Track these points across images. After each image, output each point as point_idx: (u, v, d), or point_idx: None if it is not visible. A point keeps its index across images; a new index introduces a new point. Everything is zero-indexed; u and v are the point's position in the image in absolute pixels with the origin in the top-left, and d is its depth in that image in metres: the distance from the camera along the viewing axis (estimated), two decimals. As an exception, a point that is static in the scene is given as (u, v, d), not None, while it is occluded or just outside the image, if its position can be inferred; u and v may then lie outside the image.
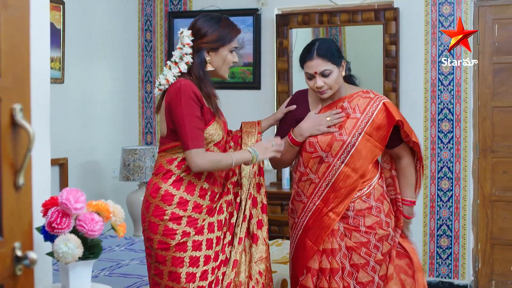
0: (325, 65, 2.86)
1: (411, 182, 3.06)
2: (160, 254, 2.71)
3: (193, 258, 2.72)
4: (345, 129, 2.91)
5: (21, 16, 1.44)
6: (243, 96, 5.60)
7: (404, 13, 5.13)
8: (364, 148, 2.91)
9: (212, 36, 2.75)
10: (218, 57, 2.78)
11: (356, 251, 2.92)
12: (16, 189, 1.43)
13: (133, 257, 4.22)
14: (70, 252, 2.22)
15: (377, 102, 2.95)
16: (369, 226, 2.93)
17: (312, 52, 2.89)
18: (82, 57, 5.25)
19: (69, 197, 2.24)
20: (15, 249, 1.43)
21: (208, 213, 2.77)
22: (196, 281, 2.71)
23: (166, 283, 2.72)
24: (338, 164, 2.91)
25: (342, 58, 2.95)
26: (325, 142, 2.93)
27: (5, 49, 1.41)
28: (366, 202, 2.93)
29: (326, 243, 2.93)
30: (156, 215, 2.71)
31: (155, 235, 2.71)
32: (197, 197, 2.74)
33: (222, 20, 2.80)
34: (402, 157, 3.05)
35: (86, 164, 5.31)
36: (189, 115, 2.64)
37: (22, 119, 1.42)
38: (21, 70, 1.45)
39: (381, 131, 2.93)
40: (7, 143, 1.41)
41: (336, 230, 2.93)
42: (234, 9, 5.55)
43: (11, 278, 1.43)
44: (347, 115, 2.94)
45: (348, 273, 2.91)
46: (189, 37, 2.74)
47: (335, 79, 2.89)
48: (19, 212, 1.44)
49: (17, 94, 1.44)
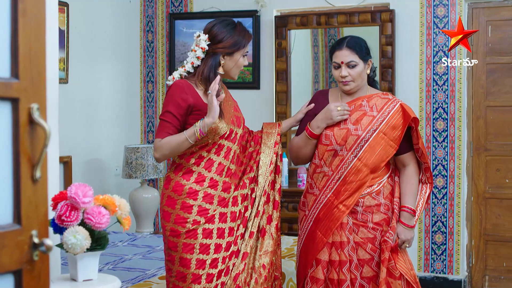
0: (352, 56, 3.03)
1: (413, 191, 3.09)
2: (171, 240, 2.87)
3: (203, 245, 2.85)
4: (361, 124, 3.04)
5: (37, 22, 1.57)
6: (243, 96, 5.71)
7: (400, 15, 5.26)
8: (377, 145, 3.01)
9: (229, 42, 2.90)
10: (232, 61, 2.94)
11: (362, 246, 3.03)
12: (33, 182, 1.56)
13: (135, 252, 4.35)
14: (78, 244, 2.36)
15: (394, 103, 3.07)
16: (376, 222, 3.03)
17: (342, 43, 3.07)
18: (86, 57, 5.37)
19: (78, 191, 2.37)
20: (32, 236, 1.55)
21: (220, 203, 2.91)
22: (206, 268, 2.85)
23: (177, 268, 2.87)
24: (351, 157, 3.02)
25: (370, 57, 3.10)
26: (340, 136, 3.05)
27: (23, 53, 1.54)
28: (376, 199, 3.04)
29: (336, 235, 3.04)
30: (169, 204, 2.88)
31: (167, 223, 2.88)
32: (207, 188, 2.88)
33: (237, 26, 2.96)
34: (408, 165, 3.11)
35: (90, 162, 5.43)
36: (165, 110, 2.84)
37: (39, 118, 1.55)
38: (37, 73, 1.58)
39: (396, 131, 3.04)
40: (25, 139, 1.54)
41: (345, 224, 3.03)
42: (234, 10, 5.67)
43: (28, 263, 1.55)
44: (364, 113, 3.06)
45: (355, 266, 3.02)
46: (206, 41, 2.88)
47: (359, 73, 3.04)
48: (36, 203, 1.57)
49: (34, 95, 1.56)
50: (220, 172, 2.92)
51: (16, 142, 1.53)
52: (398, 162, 3.15)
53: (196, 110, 2.85)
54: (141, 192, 5.41)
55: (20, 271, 1.53)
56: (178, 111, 2.82)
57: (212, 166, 2.90)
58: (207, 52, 2.90)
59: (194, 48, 2.91)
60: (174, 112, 2.82)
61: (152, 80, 6.02)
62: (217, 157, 2.91)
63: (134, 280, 3.66)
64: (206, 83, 2.89)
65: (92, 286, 2.48)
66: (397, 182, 3.13)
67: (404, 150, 3.10)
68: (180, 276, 2.87)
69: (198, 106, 2.85)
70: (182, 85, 2.85)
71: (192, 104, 2.84)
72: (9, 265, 1.51)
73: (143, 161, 5.29)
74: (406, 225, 3.06)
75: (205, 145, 2.89)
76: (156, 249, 4.40)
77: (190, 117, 2.85)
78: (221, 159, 2.91)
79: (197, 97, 2.86)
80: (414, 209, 3.08)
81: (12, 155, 1.53)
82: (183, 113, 2.83)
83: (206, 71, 2.89)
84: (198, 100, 2.86)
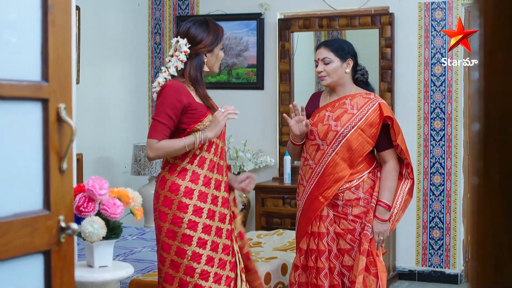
0: (327, 53, 3.28)
1: (389, 186, 3.26)
2: (166, 242, 2.91)
3: (195, 253, 2.90)
4: (341, 121, 3.25)
5: (64, 32, 1.77)
6: (247, 96, 5.93)
7: (399, 18, 5.44)
8: (355, 141, 3.22)
9: (208, 40, 3.00)
10: (213, 56, 3.04)
11: (343, 237, 3.24)
12: (60, 173, 1.76)
13: (144, 245, 4.56)
14: (95, 232, 2.56)
15: (374, 102, 3.28)
16: (356, 215, 3.24)
17: (322, 43, 3.37)
18: (96, 59, 5.58)
19: (95, 184, 2.58)
20: (60, 221, 1.76)
21: (212, 202, 2.98)
22: (194, 277, 2.89)
23: (166, 270, 2.92)
24: (330, 152, 3.25)
25: (350, 57, 3.30)
26: (323, 131, 3.27)
27: (52, 59, 1.74)
28: (355, 193, 3.24)
29: (314, 226, 3.26)
30: (165, 204, 2.92)
31: (164, 223, 2.92)
32: (201, 186, 2.95)
33: (209, 22, 3.06)
34: (388, 161, 3.29)
35: (100, 159, 5.64)
36: (160, 111, 2.90)
37: (66, 116, 1.76)
38: (64, 76, 1.78)
39: (373, 128, 3.24)
40: (54, 135, 1.74)
41: (325, 216, 3.25)
42: (239, 13, 5.87)
43: (56, 245, 1.76)
44: (345, 110, 3.27)
45: (335, 255, 3.24)
46: (186, 45, 2.97)
47: (333, 69, 3.27)
48: (63, 191, 1.77)
49: (61, 96, 1.77)
50: (211, 168, 2.99)
51: (45, 137, 1.73)
52: (379, 158, 3.34)
53: (190, 110, 2.93)
54: (149, 188, 5.61)
55: (49, 251, 1.74)
56: (174, 112, 2.89)
57: (204, 163, 2.98)
58: (189, 54, 2.99)
59: (175, 54, 2.99)
60: (170, 113, 2.88)
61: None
62: (208, 154, 2.99)
63: (144, 270, 3.87)
64: (194, 83, 2.98)
65: (107, 271, 2.68)
66: (379, 178, 3.30)
67: (383, 147, 3.29)
68: (168, 278, 2.91)
69: (192, 105, 2.93)
70: (176, 86, 2.92)
71: (187, 104, 2.91)
72: (40, 245, 1.71)
73: (151, 159, 5.49)
74: (379, 219, 3.23)
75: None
76: (164, 242, 4.60)
77: (184, 117, 2.93)
78: (211, 155, 2.99)
79: (190, 96, 2.95)
80: (389, 204, 3.24)
81: (42, 149, 1.73)
82: (178, 113, 2.90)
83: (193, 72, 2.98)
84: (191, 99, 2.94)
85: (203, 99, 3.00)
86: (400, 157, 3.31)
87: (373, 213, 3.24)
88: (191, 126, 2.92)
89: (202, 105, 2.98)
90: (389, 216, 3.26)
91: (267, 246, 4.45)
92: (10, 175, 1.67)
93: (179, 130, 2.94)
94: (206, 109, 2.99)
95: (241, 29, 5.83)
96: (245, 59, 5.89)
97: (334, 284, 3.22)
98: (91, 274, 2.65)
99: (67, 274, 1.79)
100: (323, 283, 3.20)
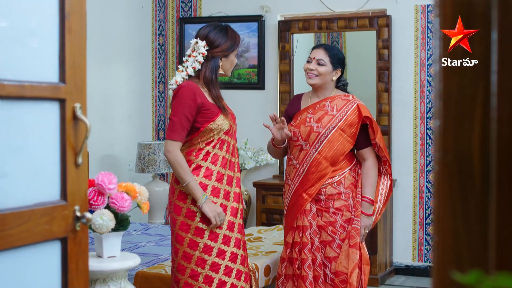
0: (324, 56, 3.47)
1: (370, 182, 3.45)
2: (180, 234, 3.08)
3: (207, 246, 3.06)
4: (322, 122, 3.44)
5: (80, 38, 1.93)
6: (248, 96, 6.09)
7: (396, 20, 5.60)
8: (335, 140, 3.41)
9: (225, 45, 3.19)
10: (228, 61, 3.23)
11: (325, 229, 3.43)
12: (76, 167, 1.92)
13: (149, 240, 4.72)
14: (105, 224, 2.72)
15: (352, 104, 3.47)
16: (337, 208, 3.43)
17: (322, 45, 3.59)
18: (102, 59, 5.74)
19: (104, 179, 2.74)
20: (75, 210, 1.92)
21: (225, 197, 3.15)
22: (205, 268, 3.06)
23: (179, 261, 3.09)
24: (313, 152, 3.43)
25: (340, 67, 3.51)
26: (305, 132, 3.46)
27: (69, 63, 1.90)
28: (336, 188, 3.44)
29: (298, 220, 3.45)
30: (180, 199, 3.09)
31: (178, 217, 3.09)
32: (214, 181, 3.12)
33: (228, 29, 3.26)
34: (367, 159, 3.47)
35: (105, 157, 5.80)
36: (178, 112, 3.06)
37: (81, 115, 1.92)
38: (79, 79, 1.94)
39: (352, 128, 3.44)
40: (70, 132, 1.91)
41: (308, 210, 3.44)
42: (240, 15, 6.02)
43: (72, 232, 1.92)
44: (326, 112, 3.46)
45: (317, 248, 3.42)
46: (204, 47, 3.15)
47: (324, 72, 3.45)
48: (78, 183, 1.93)
49: (77, 96, 1.93)
50: (224, 165, 3.16)
51: (63, 134, 1.90)
52: (359, 156, 3.52)
53: (203, 110, 3.09)
54: (153, 185, 5.77)
55: (66, 238, 1.90)
56: (190, 112, 3.05)
57: (217, 160, 3.14)
58: (206, 57, 3.17)
59: (193, 54, 3.16)
60: (186, 114, 3.05)
61: (163, 81, 6.39)
62: (220, 152, 3.15)
63: (149, 263, 4.03)
64: (209, 85, 3.16)
65: (116, 261, 2.84)
66: (360, 175, 3.48)
67: (362, 145, 3.48)
68: (180, 268, 3.08)
69: (205, 105, 3.10)
70: (192, 87, 3.09)
71: (200, 104, 3.08)
72: (57, 233, 1.88)
73: (155, 157, 5.65)
74: (364, 214, 3.43)
75: (211, 141, 3.12)
76: (168, 237, 4.76)
77: (198, 116, 3.09)
78: (223, 153, 3.16)
79: (203, 97, 3.11)
80: (372, 199, 3.44)
81: (59, 145, 1.90)
82: (194, 113, 3.07)
83: (208, 74, 3.15)
84: (205, 100, 3.11)
85: (216, 100, 3.16)
86: (378, 154, 3.48)
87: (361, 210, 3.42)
88: (204, 125, 3.09)
89: (215, 105, 3.15)
90: (373, 210, 3.45)
91: (267, 241, 4.61)
92: (31, 168, 1.83)
93: (193, 129, 3.10)
94: (218, 110, 3.15)
95: (243, 31, 5.98)
96: (247, 60, 6.05)
97: (316, 275, 3.39)
98: (101, 263, 2.80)
99: (82, 259, 1.95)
100: (307, 273, 3.38)
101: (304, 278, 3.39)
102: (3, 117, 1.76)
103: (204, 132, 3.10)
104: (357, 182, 3.48)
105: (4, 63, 1.75)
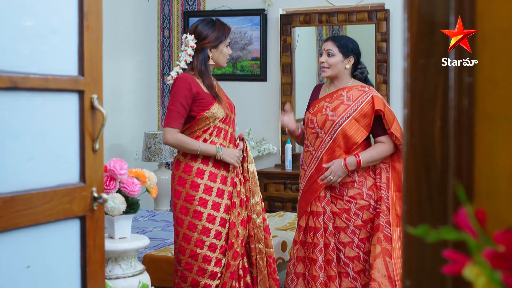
0: (332, 47, 3.59)
1: (372, 151, 3.53)
2: (180, 217, 3.32)
3: (205, 228, 3.30)
4: (337, 111, 3.56)
5: (96, 35, 2.12)
6: (251, 87, 6.27)
7: (394, 14, 5.76)
8: (349, 129, 3.53)
9: (212, 36, 3.38)
10: (217, 52, 3.41)
11: (339, 215, 3.56)
12: (93, 152, 2.12)
13: (155, 225, 4.93)
14: (116, 207, 2.92)
15: (368, 95, 3.58)
16: (351, 196, 3.55)
17: (331, 37, 3.75)
18: (109, 52, 5.92)
19: (116, 165, 2.93)
20: (93, 192, 2.11)
21: (222, 182, 3.37)
22: (204, 248, 3.29)
23: (179, 242, 3.31)
24: (328, 139, 3.57)
25: (352, 55, 3.60)
26: (321, 120, 3.59)
27: (87, 58, 2.09)
28: (351, 176, 3.55)
29: (313, 206, 3.59)
30: (180, 184, 3.34)
31: (178, 200, 3.33)
32: (211, 167, 3.34)
33: (216, 22, 3.44)
34: (384, 143, 3.58)
35: (112, 146, 6.00)
36: (175, 101, 3.28)
37: (98, 105, 2.11)
38: (96, 72, 2.13)
39: (366, 119, 3.55)
40: (88, 120, 2.10)
41: (323, 197, 3.58)
42: (243, 9, 6.20)
43: (90, 211, 2.11)
44: (342, 101, 3.58)
45: (330, 233, 3.56)
46: (193, 40, 3.36)
47: (334, 62, 3.57)
48: (95, 167, 2.13)
49: (94, 88, 2.12)
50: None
51: (81, 123, 2.09)
52: (376, 143, 3.63)
53: (198, 99, 3.30)
54: (159, 174, 5.96)
55: (84, 216, 2.10)
56: (187, 101, 3.27)
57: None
58: (196, 49, 3.37)
59: (184, 48, 3.37)
60: (183, 103, 3.26)
61: (168, 73, 6.57)
62: (217, 139, 3.36)
63: (156, 247, 4.23)
64: (201, 75, 3.36)
65: (126, 242, 3.04)
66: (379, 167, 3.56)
67: (378, 134, 3.59)
68: (181, 249, 3.31)
69: (200, 95, 3.31)
70: (187, 78, 3.30)
71: (196, 93, 3.29)
72: (77, 212, 2.08)
73: (161, 146, 5.85)
74: (345, 164, 3.48)
75: (208, 129, 3.34)
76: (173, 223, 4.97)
77: (194, 105, 3.30)
78: (220, 140, 3.37)
79: (198, 87, 3.33)
80: (359, 160, 3.47)
81: (78, 132, 2.09)
82: (190, 102, 3.28)
83: (199, 65, 3.36)
84: (200, 89, 3.32)
85: (210, 89, 3.35)
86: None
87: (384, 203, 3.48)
88: (200, 114, 3.30)
89: (209, 94, 3.35)
90: (352, 170, 3.50)
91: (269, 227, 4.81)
92: (54, 153, 2.03)
93: (190, 118, 3.32)
94: (213, 99, 3.35)
95: (245, 24, 6.17)
96: (249, 53, 6.23)
97: (329, 259, 3.55)
98: (113, 243, 3.00)
99: (99, 236, 2.15)
100: (317, 257, 3.54)
101: (314, 261, 3.52)
102: (29, 107, 1.95)
103: (200, 120, 3.31)
104: (370, 171, 3.55)
105: (30, 58, 1.95)
